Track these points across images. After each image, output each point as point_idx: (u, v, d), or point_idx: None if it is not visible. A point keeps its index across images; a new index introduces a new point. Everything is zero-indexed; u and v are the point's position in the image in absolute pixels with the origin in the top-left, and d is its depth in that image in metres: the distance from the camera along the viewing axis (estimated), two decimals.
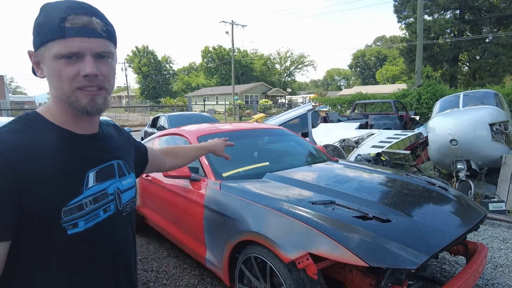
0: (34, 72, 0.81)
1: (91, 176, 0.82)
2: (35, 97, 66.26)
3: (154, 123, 9.60)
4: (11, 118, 3.62)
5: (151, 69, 61.38)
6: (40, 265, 0.75)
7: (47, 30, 0.73)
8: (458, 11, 27.88)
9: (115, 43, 0.82)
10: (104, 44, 0.77)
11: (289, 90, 58.25)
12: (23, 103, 45.78)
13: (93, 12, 0.76)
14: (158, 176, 3.18)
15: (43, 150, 0.75)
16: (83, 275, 0.80)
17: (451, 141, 4.62)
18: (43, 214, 0.72)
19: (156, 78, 62.34)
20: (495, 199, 4.19)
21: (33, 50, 0.78)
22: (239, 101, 35.48)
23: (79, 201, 0.77)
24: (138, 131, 11.49)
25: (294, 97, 51.10)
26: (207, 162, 2.75)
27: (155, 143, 3.76)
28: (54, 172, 0.74)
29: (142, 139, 9.01)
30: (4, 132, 0.73)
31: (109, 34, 0.79)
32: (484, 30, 27.69)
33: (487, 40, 26.78)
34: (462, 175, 4.62)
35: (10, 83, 65.53)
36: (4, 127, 0.74)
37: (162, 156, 1.33)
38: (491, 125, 4.69)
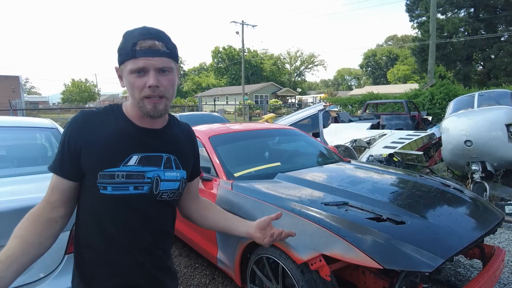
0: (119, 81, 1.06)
1: (134, 158, 1.02)
2: (48, 97, 67.59)
3: None
4: (26, 118, 3.70)
5: None
6: (85, 211, 1.03)
7: (125, 52, 0.96)
8: (472, 9, 27.36)
9: (176, 60, 1.02)
10: (164, 61, 0.97)
11: (299, 90, 58.03)
12: (37, 103, 46.68)
13: (157, 36, 0.97)
14: None
15: (104, 128, 1.01)
16: (106, 228, 1.02)
17: (465, 142, 4.53)
18: (89, 172, 1.00)
19: None
20: (511, 202, 4.09)
21: (118, 66, 1.02)
22: (249, 101, 35.50)
23: (113, 172, 0.99)
24: None
25: (304, 97, 50.89)
26: (218, 162, 2.76)
27: None
28: (103, 145, 0.99)
29: None
30: (92, 112, 1.05)
31: (170, 53, 0.99)
32: (499, 28, 27.10)
33: (502, 39, 26.20)
34: (477, 176, 4.52)
35: (25, 83, 66.93)
36: (95, 109, 1.06)
37: (194, 198, 1.28)
38: (508, 125, 4.58)
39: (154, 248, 1.09)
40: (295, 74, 70.18)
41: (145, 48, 0.94)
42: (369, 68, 70.63)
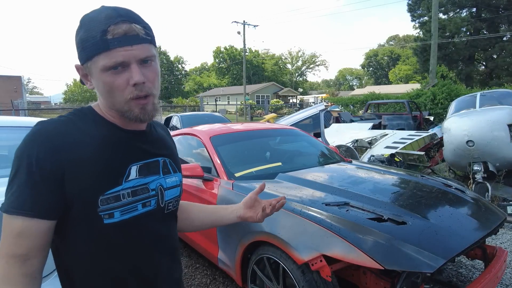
0: (82, 82, 0.84)
1: (133, 169, 0.83)
2: (50, 97, 67.86)
3: (167, 123, 9.70)
4: (28, 118, 3.71)
5: (164, 69, 62.00)
6: (80, 250, 0.79)
7: (91, 45, 0.74)
8: (474, 9, 27.31)
9: (155, 44, 0.82)
10: (146, 48, 0.77)
11: (300, 90, 58.03)
12: (39, 103, 46.87)
13: (130, 17, 0.76)
14: None
15: (89, 140, 0.78)
16: (120, 265, 0.82)
17: (467, 142, 4.51)
18: (82, 200, 0.76)
19: (169, 78, 62.99)
20: None
21: (79, 64, 0.79)
22: (250, 101, 35.51)
23: (117, 192, 0.79)
24: None
25: (305, 97, 50.85)
26: (219, 162, 2.76)
27: None
28: (96, 161, 0.77)
29: None
30: (59, 121, 0.79)
31: (151, 38, 0.79)
32: (501, 28, 27.03)
33: (504, 39, 26.13)
34: (478, 177, 4.50)
35: (27, 83, 67.18)
36: (61, 117, 0.80)
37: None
38: (510, 125, 4.55)
39: (174, 272, 0.95)
40: (297, 74, 70.17)
41: (120, 35, 0.73)
42: (371, 68, 70.57)
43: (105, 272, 0.81)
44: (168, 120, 9.79)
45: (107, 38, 0.72)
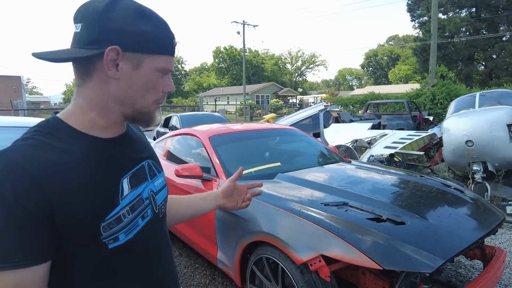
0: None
1: (125, 183, 0.77)
2: (50, 97, 67.91)
3: (166, 123, 9.70)
4: (28, 118, 3.71)
5: None
6: (83, 281, 0.72)
7: (161, 43, 0.75)
8: (474, 9, 27.35)
9: None
10: None
11: (300, 90, 58.05)
12: (39, 103, 46.89)
13: None
14: (170, 175, 3.19)
15: (71, 162, 0.68)
16: (128, 285, 0.78)
17: (466, 142, 4.51)
18: (81, 232, 0.68)
19: None
20: None
21: (119, 48, 0.69)
22: (250, 101, 35.51)
23: (117, 214, 0.72)
24: (151, 130, 11.63)
25: (305, 97, 50.89)
26: (218, 162, 2.76)
27: (167, 143, 3.79)
28: (86, 185, 0.68)
29: (154, 138, 9.11)
30: (27, 146, 0.66)
31: None
32: (501, 28, 27.07)
33: (504, 39, 26.17)
34: (478, 177, 4.50)
35: (27, 83, 67.21)
36: (27, 139, 0.67)
37: None
38: (509, 125, 4.56)
39: (174, 277, 0.94)
40: (296, 74, 70.19)
41: (175, 46, 0.79)
42: (371, 68, 70.63)
43: None
44: (167, 120, 9.79)
45: (173, 45, 0.78)
